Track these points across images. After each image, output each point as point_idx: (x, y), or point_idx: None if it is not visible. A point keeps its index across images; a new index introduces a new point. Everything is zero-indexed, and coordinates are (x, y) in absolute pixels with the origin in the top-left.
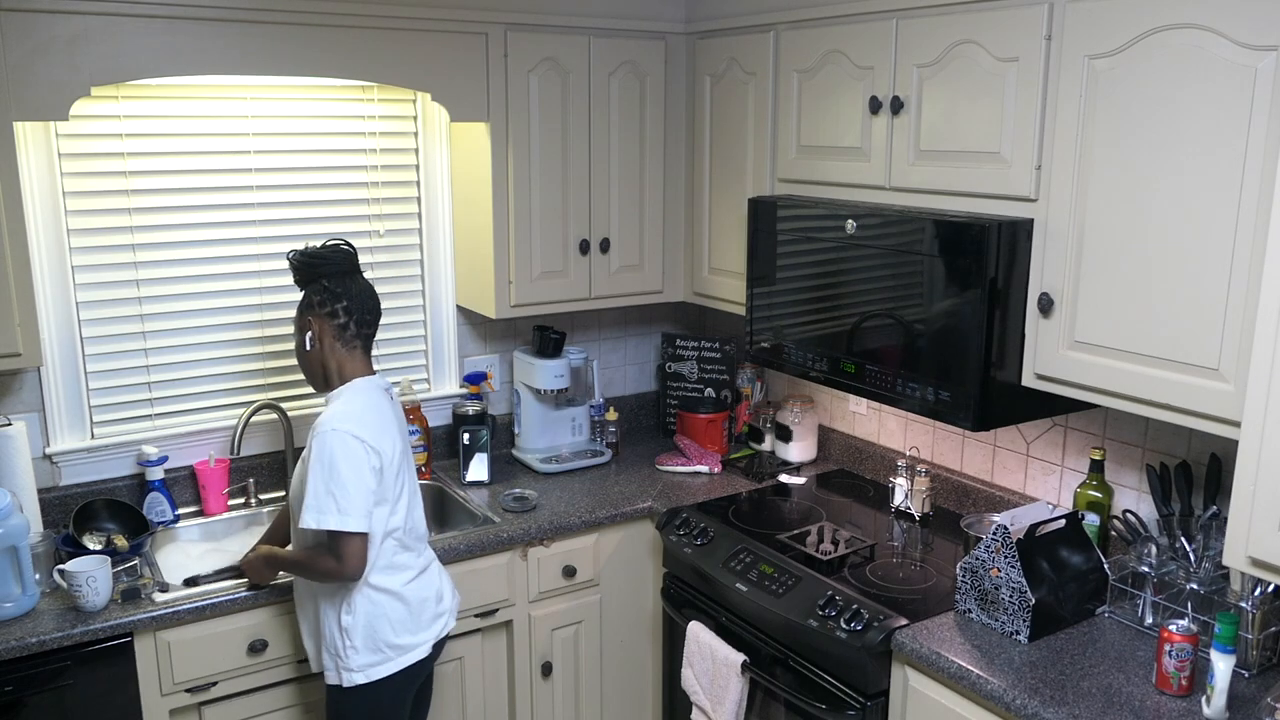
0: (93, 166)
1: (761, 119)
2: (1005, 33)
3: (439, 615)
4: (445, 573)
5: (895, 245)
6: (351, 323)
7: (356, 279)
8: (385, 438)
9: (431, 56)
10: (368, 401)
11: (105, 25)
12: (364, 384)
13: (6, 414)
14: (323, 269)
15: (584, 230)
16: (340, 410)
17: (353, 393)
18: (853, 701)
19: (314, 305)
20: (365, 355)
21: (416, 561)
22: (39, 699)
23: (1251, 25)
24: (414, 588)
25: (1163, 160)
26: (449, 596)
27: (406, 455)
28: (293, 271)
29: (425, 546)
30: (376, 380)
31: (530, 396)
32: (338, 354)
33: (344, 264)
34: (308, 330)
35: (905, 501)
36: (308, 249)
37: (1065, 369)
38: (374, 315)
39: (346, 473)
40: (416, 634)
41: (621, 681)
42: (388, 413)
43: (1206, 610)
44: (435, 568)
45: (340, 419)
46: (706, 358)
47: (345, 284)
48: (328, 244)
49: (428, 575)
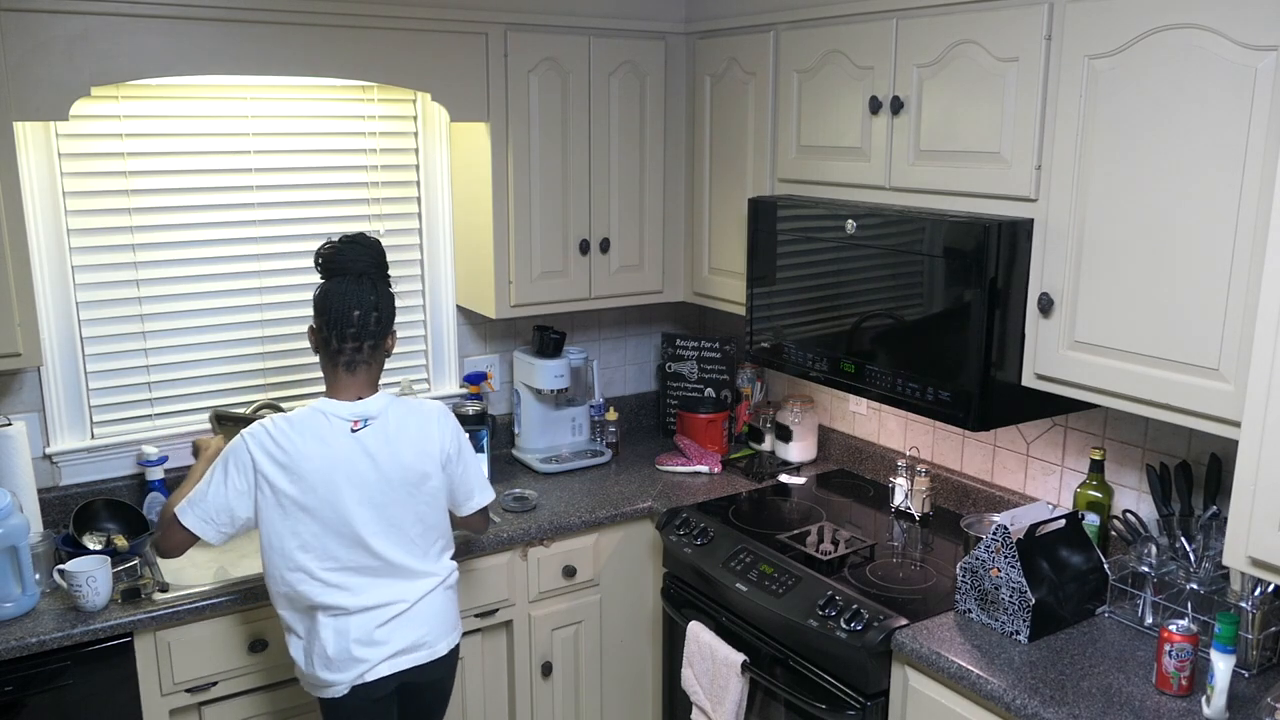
0: (93, 166)
1: (761, 119)
2: (1005, 33)
3: (358, 661)
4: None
5: (895, 245)
6: (332, 337)
7: (349, 287)
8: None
9: (431, 56)
10: (309, 425)
11: (105, 25)
12: (321, 407)
13: (6, 414)
14: (330, 271)
15: (584, 230)
16: (270, 422)
17: (305, 412)
18: (853, 701)
19: (314, 311)
20: (349, 374)
21: (348, 600)
22: (39, 699)
23: (1251, 25)
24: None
25: (1163, 160)
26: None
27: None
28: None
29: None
30: (344, 409)
31: (530, 396)
32: (325, 366)
33: (357, 267)
34: (311, 337)
35: (905, 501)
36: (328, 244)
37: (1065, 369)
38: (360, 329)
39: (217, 476)
40: (329, 672)
41: (621, 681)
42: (333, 443)
43: (1206, 610)
44: (378, 614)
45: (256, 429)
46: (706, 358)
47: (335, 293)
48: (347, 238)
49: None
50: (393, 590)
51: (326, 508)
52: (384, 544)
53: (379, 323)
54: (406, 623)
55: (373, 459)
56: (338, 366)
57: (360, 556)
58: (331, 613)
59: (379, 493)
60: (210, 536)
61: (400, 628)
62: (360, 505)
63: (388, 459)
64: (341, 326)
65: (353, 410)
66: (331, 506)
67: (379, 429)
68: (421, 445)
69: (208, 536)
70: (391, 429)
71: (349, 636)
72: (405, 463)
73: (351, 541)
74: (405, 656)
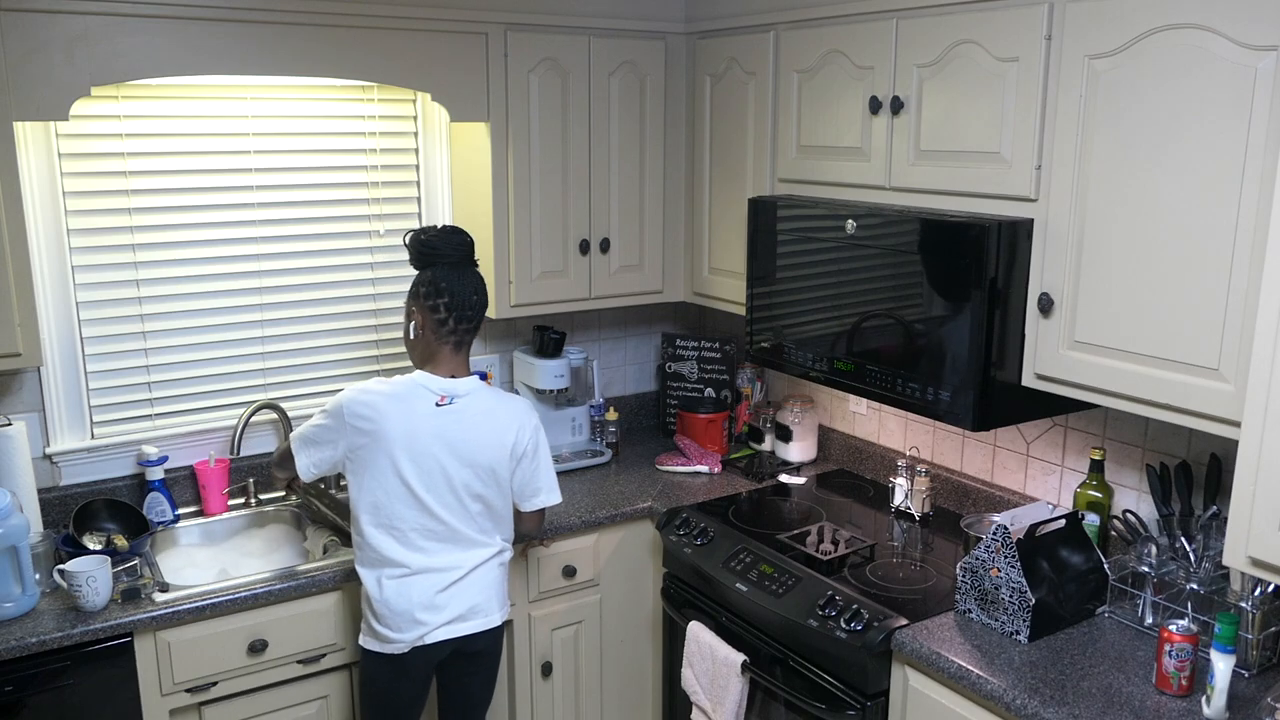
0: (93, 166)
1: (761, 119)
2: (1005, 33)
3: (419, 623)
4: (468, 585)
5: (895, 245)
6: (450, 319)
7: (465, 273)
8: (388, 428)
9: (431, 56)
10: (398, 391)
11: (105, 25)
12: (418, 379)
13: (6, 414)
14: (436, 257)
15: (584, 230)
16: (369, 384)
17: (400, 380)
18: (853, 701)
19: (420, 295)
20: (455, 352)
21: (413, 560)
22: (39, 699)
23: (1251, 25)
24: (394, 585)
25: (1163, 160)
26: (450, 610)
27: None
28: (409, 254)
29: (441, 549)
30: (435, 382)
31: (530, 396)
32: (430, 345)
33: (456, 255)
34: (412, 319)
35: (905, 501)
36: (424, 232)
37: (1065, 369)
38: (476, 312)
39: (317, 418)
40: (392, 630)
41: (621, 681)
42: (417, 412)
43: (1206, 610)
44: (439, 578)
45: (354, 387)
46: (706, 358)
47: (452, 278)
48: (446, 230)
49: (420, 580)
50: (452, 556)
51: (393, 470)
52: (449, 510)
53: (485, 309)
54: (464, 589)
55: (449, 433)
56: (446, 346)
57: (424, 519)
58: (396, 571)
59: (447, 465)
60: (303, 470)
61: (458, 594)
62: (431, 471)
63: (463, 437)
64: (462, 309)
65: (443, 386)
66: (406, 467)
67: (464, 407)
68: (498, 433)
69: (301, 469)
70: (475, 410)
71: (411, 598)
72: (479, 444)
73: (417, 506)
74: (463, 624)
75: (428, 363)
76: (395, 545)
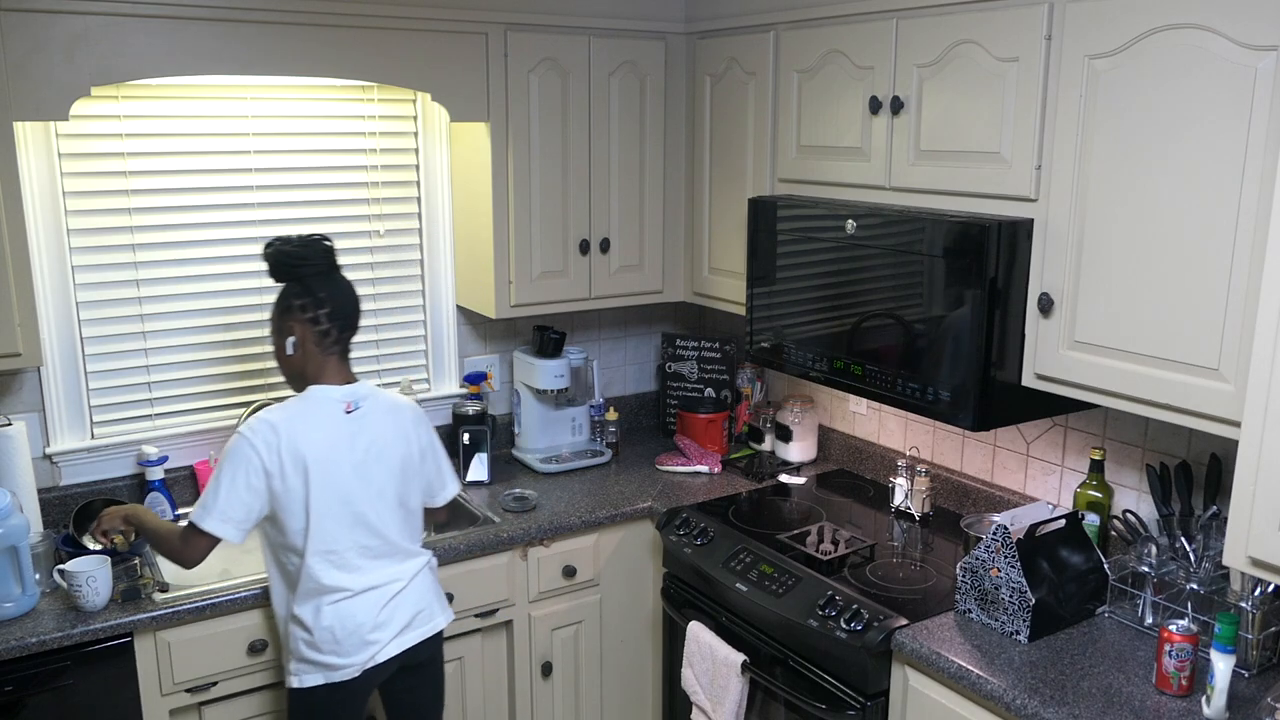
0: (93, 166)
1: (761, 119)
2: (1005, 33)
3: (370, 644)
4: (408, 596)
5: (895, 245)
6: (334, 329)
7: (337, 279)
8: (307, 451)
9: (431, 56)
10: (304, 411)
11: (105, 25)
12: (318, 394)
13: (6, 414)
14: (303, 268)
15: (584, 230)
16: (260, 415)
17: (297, 401)
18: (853, 701)
19: (295, 309)
20: (340, 361)
21: (353, 581)
22: (39, 699)
23: (1251, 25)
24: (333, 610)
25: (1163, 160)
26: (395, 624)
27: (360, 472)
28: (269, 266)
29: (379, 566)
30: (336, 392)
31: (530, 396)
32: (315, 360)
33: (324, 263)
34: (290, 335)
35: (905, 501)
36: (286, 242)
37: (1065, 369)
38: (356, 318)
39: (225, 476)
40: (340, 656)
41: (621, 681)
42: (330, 426)
43: (1206, 610)
44: (380, 594)
45: (251, 422)
46: (706, 358)
47: (328, 286)
48: (308, 238)
49: (363, 600)
50: (391, 570)
51: (329, 489)
52: (383, 522)
53: (359, 313)
54: (405, 599)
55: (369, 439)
56: (331, 356)
57: (361, 536)
58: (336, 596)
59: (376, 472)
60: (232, 536)
61: (401, 605)
62: (361, 483)
63: (380, 440)
64: (346, 317)
65: (344, 393)
66: (334, 487)
67: (370, 409)
68: (404, 427)
69: (230, 537)
70: (381, 410)
71: (357, 619)
72: (394, 443)
73: (353, 521)
74: (410, 634)
75: (318, 378)
76: (333, 570)
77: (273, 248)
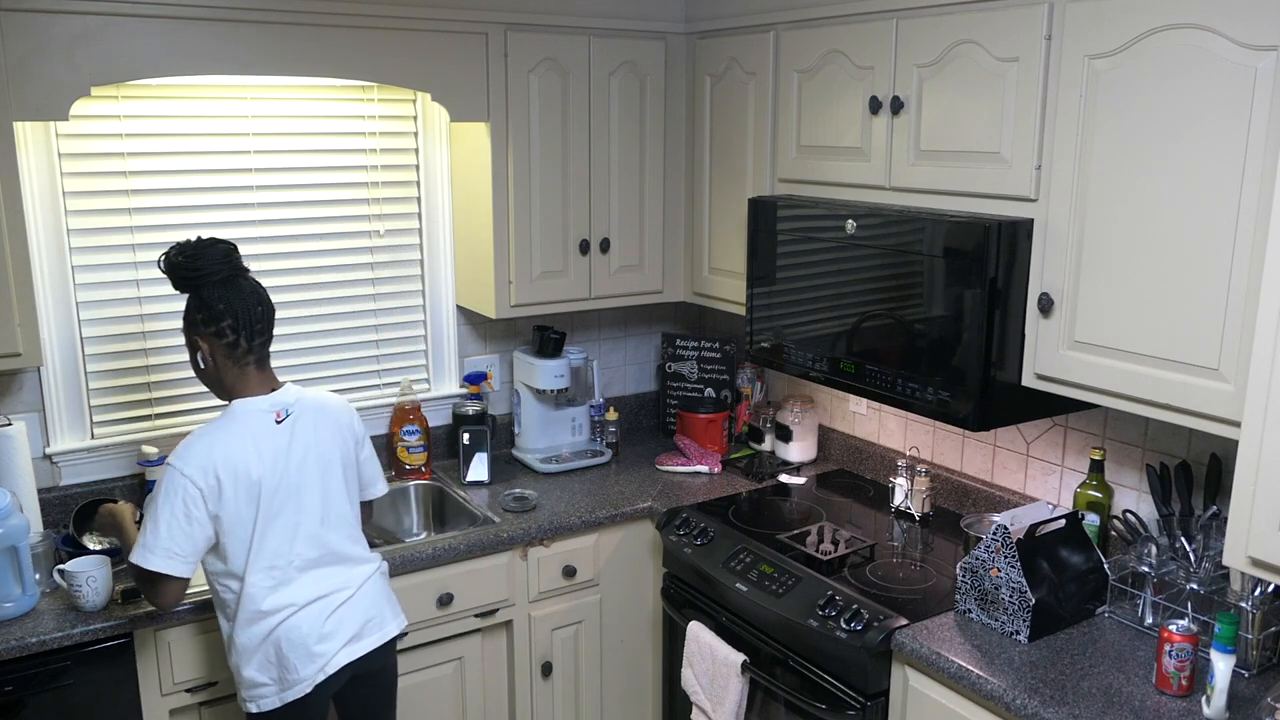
0: (93, 166)
1: (761, 119)
2: (1005, 33)
3: (316, 655)
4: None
5: (895, 245)
6: (241, 338)
7: (238, 285)
8: (243, 469)
9: (431, 56)
10: (231, 428)
11: (105, 25)
12: (242, 407)
13: (6, 414)
14: (200, 279)
15: (584, 230)
16: (187, 441)
17: (222, 419)
18: (853, 701)
19: (197, 323)
20: (259, 369)
21: (298, 595)
22: (39, 699)
23: (1251, 25)
24: (282, 629)
25: (1163, 160)
26: (343, 634)
27: (300, 482)
28: (169, 279)
29: (324, 576)
30: (262, 402)
31: (530, 396)
32: (230, 371)
33: (221, 270)
34: (197, 349)
35: (905, 501)
36: (181, 252)
37: (1065, 369)
38: (265, 323)
39: (163, 511)
40: (289, 671)
41: (621, 681)
42: (262, 439)
43: (1206, 610)
44: (325, 604)
45: (180, 451)
46: (706, 358)
47: (228, 295)
48: (199, 245)
49: (307, 613)
50: (336, 578)
51: (272, 504)
52: (328, 530)
53: (272, 314)
54: (352, 608)
55: (304, 446)
56: (249, 366)
57: (304, 548)
58: (280, 615)
59: (316, 478)
60: (181, 570)
61: (348, 614)
62: (302, 494)
63: (315, 445)
64: (251, 324)
65: (271, 402)
66: (277, 502)
67: (300, 413)
68: (339, 425)
69: (180, 572)
70: (311, 412)
71: (300, 632)
72: (331, 446)
73: (295, 534)
74: (359, 643)
75: (238, 390)
76: (275, 589)
77: (165, 259)
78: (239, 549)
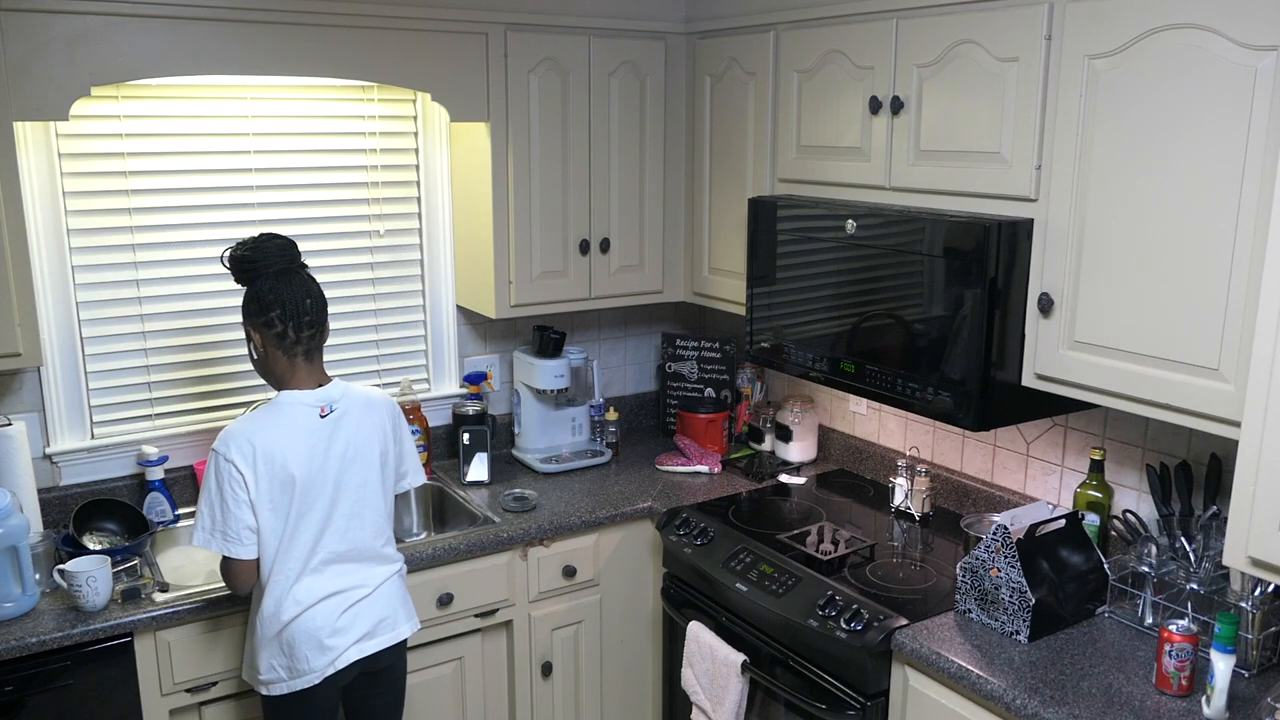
0: (93, 166)
1: (761, 119)
2: (1005, 33)
3: (327, 649)
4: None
5: (895, 245)
6: (289, 329)
7: (291, 279)
8: (284, 460)
9: (431, 56)
10: (276, 419)
11: (105, 25)
12: (289, 399)
13: (6, 414)
14: (255, 271)
15: (584, 230)
16: (230, 428)
17: (268, 408)
18: (853, 701)
19: (251, 313)
20: (308, 363)
21: (319, 587)
22: (39, 699)
23: (1251, 25)
24: (299, 619)
25: (1163, 160)
26: (356, 630)
27: (339, 478)
28: (231, 273)
29: (345, 571)
30: (309, 396)
31: (530, 396)
32: (280, 362)
33: (277, 263)
34: (251, 339)
35: (905, 501)
36: (241, 246)
37: (1065, 369)
38: (315, 316)
39: (213, 495)
40: (300, 662)
41: (621, 681)
42: (304, 432)
43: (1206, 610)
44: (341, 600)
45: (223, 436)
46: (706, 358)
47: (279, 288)
48: (259, 240)
49: (323, 606)
50: (357, 575)
51: (308, 498)
52: (359, 527)
53: (324, 308)
54: (368, 606)
55: (344, 443)
56: (297, 358)
57: (334, 543)
58: (301, 604)
59: (356, 474)
60: (242, 554)
61: (363, 612)
62: (340, 489)
63: (358, 442)
64: (298, 316)
65: (317, 397)
66: (313, 495)
67: (346, 409)
68: (379, 419)
69: (240, 554)
70: (357, 408)
71: (315, 623)
72: (370, 444)
73: (326, 528)
74: (370, 641)
75: (287, 382)
76: (302, 577)
77: (227, 253)
78: (271, 539)
